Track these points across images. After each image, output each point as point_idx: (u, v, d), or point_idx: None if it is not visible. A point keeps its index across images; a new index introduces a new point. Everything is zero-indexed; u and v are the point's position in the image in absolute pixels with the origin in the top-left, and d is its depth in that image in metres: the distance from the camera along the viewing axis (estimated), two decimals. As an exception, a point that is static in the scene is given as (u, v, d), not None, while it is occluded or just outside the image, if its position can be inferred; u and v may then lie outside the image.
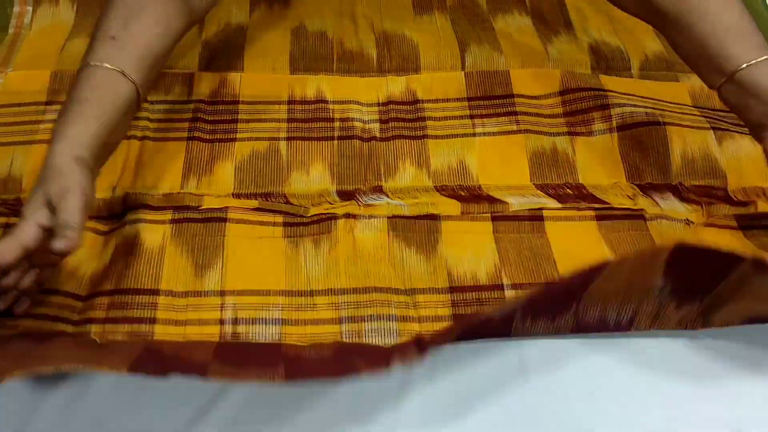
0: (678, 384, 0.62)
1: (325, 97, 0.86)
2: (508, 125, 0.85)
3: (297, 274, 0.71)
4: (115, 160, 0.75)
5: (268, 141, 0.82)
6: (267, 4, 0.96)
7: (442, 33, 0.95)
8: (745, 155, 0.83)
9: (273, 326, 0.67)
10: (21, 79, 0.85)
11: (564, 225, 0.77)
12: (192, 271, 0.70)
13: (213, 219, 0.74)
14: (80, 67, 0.63)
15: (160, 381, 0.50)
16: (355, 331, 0.67)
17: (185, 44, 0.87)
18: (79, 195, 0.55)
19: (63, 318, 0.66)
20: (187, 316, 0.67)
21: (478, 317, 0.61)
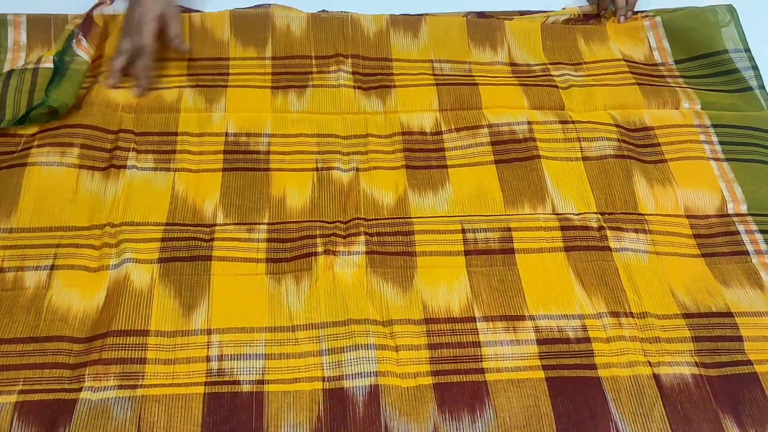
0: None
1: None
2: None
3: (279, 310, 0.75)
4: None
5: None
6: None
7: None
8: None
9: (257, 361, 0.71)
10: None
11: (534, 257, 0.81)
12: (180, 311, 0.74)
13: (199, 257, 0.77)
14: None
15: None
16: (335, 362, 0.71)
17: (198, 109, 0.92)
18: (154, 22, 0.87)
19: (60, 363, 0.69)
20: (175, 355, 0.71)
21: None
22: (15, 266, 0.75)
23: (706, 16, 1.05)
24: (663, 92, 0.98)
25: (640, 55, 1.04)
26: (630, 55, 1.03)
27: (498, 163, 0.89)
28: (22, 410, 0.66)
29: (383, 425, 0.68)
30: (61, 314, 0.72)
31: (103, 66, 0.94)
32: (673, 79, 1.01)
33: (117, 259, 0.77)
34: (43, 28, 0.96)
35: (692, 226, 0.86)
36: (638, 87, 0.98)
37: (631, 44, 1.05)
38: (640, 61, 1.03)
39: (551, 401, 0.70)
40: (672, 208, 0.87)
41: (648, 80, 1.00)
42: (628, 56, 1.03)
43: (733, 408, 0.71)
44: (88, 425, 0.65)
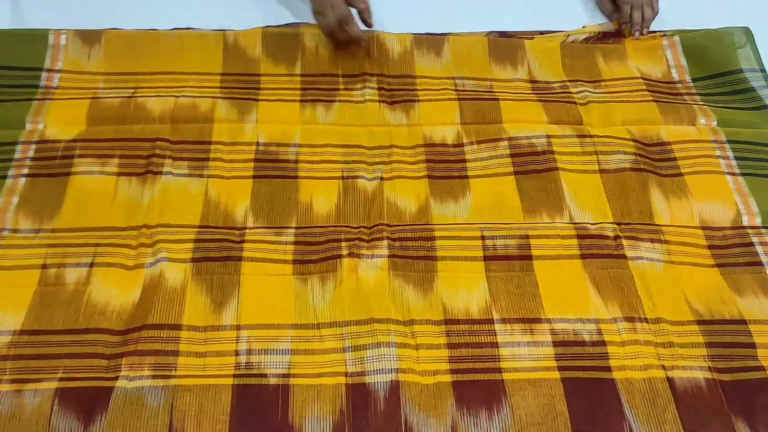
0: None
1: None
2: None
3: (305, 309, 0.78)
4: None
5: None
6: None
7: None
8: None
9: (283, 356, 0.74)
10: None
11: (551, 263, 0.84)
12: (211, 308, 0.78)
13: (229, 258, 0.81)
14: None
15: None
16: (358, 359, 0.74)
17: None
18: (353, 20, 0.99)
19: (98, 353, 0.73)
20: (206, 349, 0.74)
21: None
22: (57, 263, 0.80)
23: (723, 37, 1.09)
24: (679, 109, 1.01)
25: (658, 72, 1.07)
26: (648, 73, 1.07)
27: (517, 174, 0.92)
28: (62, 396, 0.70)
29: (403, 419, 0.70)
30: (100, 308, 0.77)
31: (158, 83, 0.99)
32: (690, 97, 1.03)
33: (152, 258, 0.81)
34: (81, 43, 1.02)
35: (707, 237, 0.88)
36: (655, 104, 1.01)
37: (650, 62, 1.08)
38: (658, 78, 1.06)
39: (566, 401, 0.72)
40: (687, 220, 0.89)
41: (665, 97, 1.03)
42: (646, 74, 1.06)
43: (745, 411, 0.73)
44: (124, 411, 0.69)
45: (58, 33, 1.01)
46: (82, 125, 0.93)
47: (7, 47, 0.99)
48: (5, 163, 0.88)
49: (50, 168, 0.88)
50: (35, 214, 0.84)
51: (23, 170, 0.88)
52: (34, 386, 0.70)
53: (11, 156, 0.89)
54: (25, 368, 0.72)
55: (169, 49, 1.02)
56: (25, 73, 0.98)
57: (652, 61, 1.08)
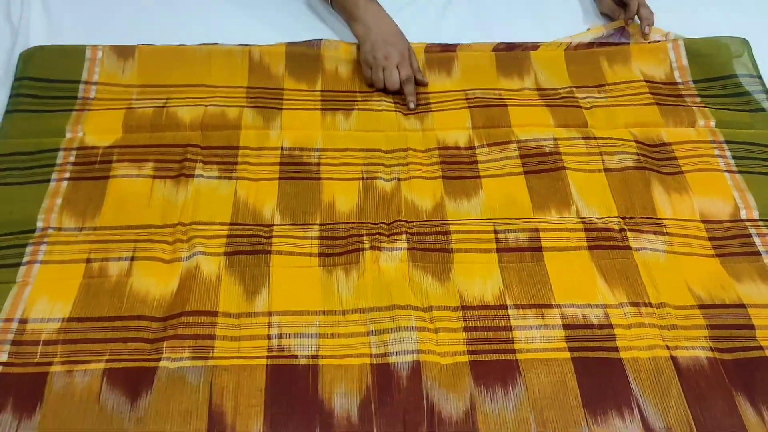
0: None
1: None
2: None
3: (331, 297, 0.84)
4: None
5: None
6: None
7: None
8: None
9: (312, 339, 0.80)
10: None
11: (560, 254, 0.89)
12: (244, 296, 0.83)
13: (260, 251, 0.87)
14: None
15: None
16: (381, 342, 0.80)
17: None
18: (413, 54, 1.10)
19: (141, 337, 0.79)
20: (240, 333, 0.80)
21: None
22: (100, 257, 0.86)
23: (721, 45, 1.15)
24: (680, 111, 1.07)
25: (661, 73, 1.13)
26: (651, 75, 1.13)
27: (526, 174, 0.98)
28: (110, 376, 0.75)
29: (425, 395, 0.76)
30: (141, 297, 0.82)
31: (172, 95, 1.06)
32: (690, 98, 1.10)
33: (188, 252, 0.87)
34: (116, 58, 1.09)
35: (707, 229, 0.93)
36: (657, 107, 1.08)
37: (654, 63, 1.14)
38: (661, 80, 1.12)
39: (577, 378, 0.78)
40: (688, 214, 0.95)
41: (667, 100, 1.09)
42: (649, 76, 1.13)
43: (745, 387, 0.78)
44: (168, 388, 0.74)
45: (94, 48, 1.09)
46: (119, 133, 1.00)
47: (48, 62, 1.07)
48: (48, 168, 0.95)
49: (90, 172, 0.95)
50: (78, 214, 0.90)
51: (65, 174, 0.94)
52: (84, 367, 0.76)
53: (53, 161, 0.96)
54: (75, 351, 0.77)
55: (198, 63, 1.10)
56: (65, 85, 1.05)
57: (656, 62, 1.15)
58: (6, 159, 0.95)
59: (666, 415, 0.75)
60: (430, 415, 0.74)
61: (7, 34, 1.12)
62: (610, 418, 0.75)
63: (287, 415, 0.74)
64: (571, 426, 0.74)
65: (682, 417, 0.75)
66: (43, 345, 0.78)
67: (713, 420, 0.75)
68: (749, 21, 1.25)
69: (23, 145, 0.97)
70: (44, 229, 0.88)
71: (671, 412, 0.75)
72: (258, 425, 0.73)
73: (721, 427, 0.75)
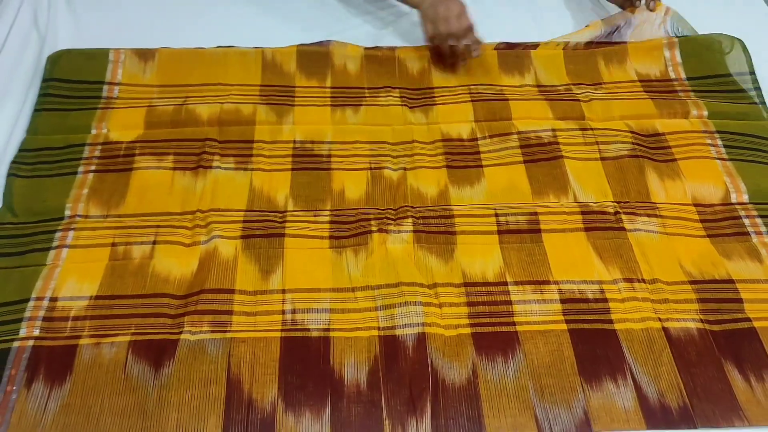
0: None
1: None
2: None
3: (341, 275, 0.89)
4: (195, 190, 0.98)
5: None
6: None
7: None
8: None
9: (323, 314, 0.85)
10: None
11: (558, 236, 0.94)
12: (259, 275, 0.89)
13: (274, 235, 0.93)
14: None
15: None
16: (389, 316, 0.85)
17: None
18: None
19: (164, 313, 0.85)
20: (256, 309, 0.85)
21: None
22: (124, 242, 0.92)
23: (712, 43, 1.20)
24: (674, 104, 1.12)
25: (656, 71, 1.18)
26: (646, 73, 1.18)
27: (526, 163, 1.03)
28: (135, 347, 0.81)
29: (429, 364, 0.80)
30: (163, 277, 0.88)
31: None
32: (684, 93, 1.14)
33: (207, 236, 0.92)
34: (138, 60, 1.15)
35: (699, 212, 0.98)
36: (652, 101, 1.12)
37: (649, 61, 1.19)
38: (656, 77, 1.17)
39: (573, 347, 0.82)
40: (681, 198, 0.99)
41: (661, 95, 1.14)
42: (644, 75, 1.18)
43: (734, 355, 0.82)
44: (188, 358, 0.80)
45: (117, 51, 1.15)
46: (141, 129, 1.06)
47: (74, 64, 1.13)
48: (75, 161, 1.01)
49: (114, 165, 1.01)
50: (103, 203, 0.96)
51: (91, 167, 1.00)
52: (110, 340, 0.82)
53: (80, 155, 1.02)
54: (102, 326, 0.83)
55: (214, 64, 1.16)
56: (89, 86, 1.11)
57: (651, 59, 1.20)
58: (36, 153, 1.02)
59: (657, 380, 0.80)
60: (434, 382, 0.79)
61: (35, 39, 1.18)
62: (605, 383, 0.80)
63: (300, 383, 0.79)
64: (567, 392, 0.79)
65: (673, 382, 0.79)
66: (72, 321, 0.83)
67: (702, 385, 0.79)
68: (744, 16, 1.30)
69: (52, 141, 1.03)
70: (72, 217, 0.94)
71: (662, 378, 0.80)
72: (273, 392, 0.78)
73: (710, 392, 0.79)
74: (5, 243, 0.91)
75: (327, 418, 0.77)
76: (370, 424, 0.76)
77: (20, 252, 0.90)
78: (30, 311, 0.84)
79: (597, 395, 0.79)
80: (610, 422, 0.77)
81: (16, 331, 0.82)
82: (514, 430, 0.76)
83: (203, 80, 1.13)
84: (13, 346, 0.81)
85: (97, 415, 0.76)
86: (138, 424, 0.75)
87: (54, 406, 0.76)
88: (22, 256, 0.90)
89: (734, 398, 0.79)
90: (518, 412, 0.78)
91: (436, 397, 0.78)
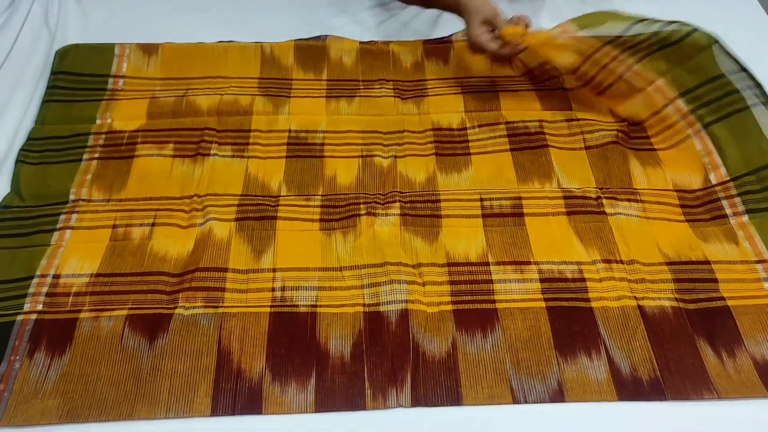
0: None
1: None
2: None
3: (329, 255, 0.93)
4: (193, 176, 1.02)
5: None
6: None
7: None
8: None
9: (311, 291, 0.89)
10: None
11: (540, 219, 0.98)
12: (251, 255, 0.93)
13: (266, 218, 0.97)
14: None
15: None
16: (374, 293, 0.88)
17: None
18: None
19: (159, 290, 0.89)
20: (248, 286, 0.89)
21: None
22: (125, 224, 0.96)
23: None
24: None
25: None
26: None
27: (513, 151, 1.06)
28: (131, 321, 0.85)
29: (411, 338, 0.84)
30: (160, 257, 0.92)
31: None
32: None
33: (203, 219, 0.96)
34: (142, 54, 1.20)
35: (680, 198, 1.01)
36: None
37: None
38: None
39: (550, 324, 0.86)
40: (662, 185, 1.02)
41: None
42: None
43: (706, 332, 0.85)
44: (182, 331, 0.84)
45: (122, 46, 1.20)
46: (143, 119, 1.11)
47: (80, 58, 1.18)
48: (80, 149, 1.06)
49: (117, 152, 1.06)
50: (106, 188, 1.01)
51: (95, 154, 1.05)
52: (108, 314, 0.86)
53: (85, 144, 1.07)
54: (101, 301, 0.87)
55: (215, 58, 1.20)
56: (95, 78, 1.16)
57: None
58: (43, 142, 1.07)
59: (630, 355, 0.83)
60: (415, 355, 0.83)
61: (45, 35, 1.24)
62: (579, 357, 0.83)
63: (287, 354, 0.83)
64: (543, 364, 0.82)
65: (646, 357, 0.82)
66: (74, 296, 0.88)
67: (674, 359, 0.82)
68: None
69: (58, 131, 1.08)
70: (75, 201, 0.99)
71: (635, 354, 0.83)
72: (261, 363, 0.82)
73: (682, 366, 0.82)
74: (12, 225, 0.96)
75: (312, 387, 0.81)
76: (353, 393, 0.80)
77: (26, 233, 0.95)
78: (34, 287, 0.88)
79: (571, 368, 0.82)
80: (583, 393, 0.80)
81: (20, 306, 0.87)
82: (491, 399, 0.80)
83: (204, 73, 1.18)
84: (17, 319, 0.85)
85: (94, 383, 0.80)
86: (133, 391, 0.79)
87: (54, 374, 0.81)
88: (28, 236, 0.95)
89: (705, 372, 0.81)
90: (495, 383, 0.81)
91: (416, 369, 0.82)
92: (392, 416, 0.79)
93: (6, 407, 0.78)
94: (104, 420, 0.78)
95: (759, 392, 0.80)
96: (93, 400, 0.79)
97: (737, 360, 0.83)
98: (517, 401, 0.80)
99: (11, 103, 1.12)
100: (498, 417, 0.79)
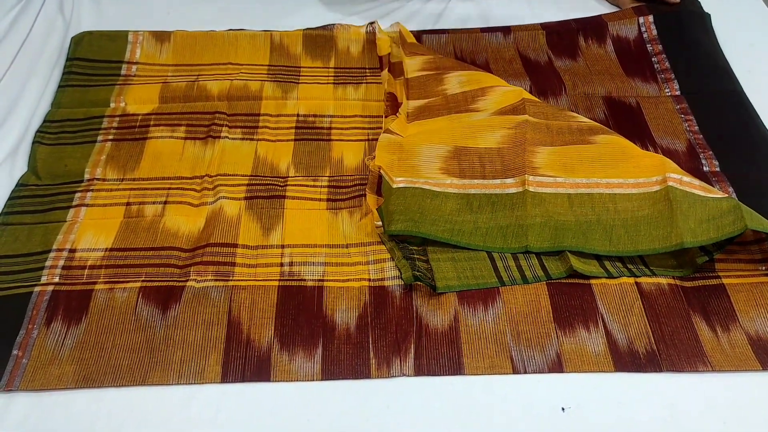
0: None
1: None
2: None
3: (336, 233, 0.96)
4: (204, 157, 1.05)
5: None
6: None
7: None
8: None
9: (319, 267, 0.92)
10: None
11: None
12: (260, 232, 0.96)
13: (275, 197, 1.00)
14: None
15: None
16: (379, 269, 0.91)
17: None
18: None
19: (172, 264, 0.92)
20: (257, 261, 0.92)
21: None
22: (138, 201, 0.99)
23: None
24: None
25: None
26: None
27: None
28: (144, 292, 0.88)
29: (415, 311, 0.87)
30: (173, 233, 0.96)
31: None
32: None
33: (213, 198, 1.00)
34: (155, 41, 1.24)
35: None
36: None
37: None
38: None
39: (550, 299, 0.88)
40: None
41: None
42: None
43: (702, 309, 0.87)
44: (193, 302, 0.87)
45: (136, 33, 1.24)
46: (156, 103, 1.14)
47: (95, 44, 1.22)
48: (95, 131, 1.09)
49: (131, 134, 1.09)
50: (120, 168, 1.04)
51: (109, 136, 1.09)
52: (123, 286, 0.89)
53: (99, 126, 1.10)
54: (116, 274, 0.90)
55: (225, 45, 1.24)
56: (110, 64, 1.20)
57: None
58: (59, 124, 1.10)
59: (627, 328, 0.85)
60: (418, 327, 0.86)
61: (60, 24, 1.28)
62: (577, 330, 0.85)
63: (295, 326, 0.86)
64: (542, 337, 0.85)
65: (642, 330, 0.85)
66: (89, 269, 0.91)
67: (670, 333, 0.85)
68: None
69: (74, 113, 1.12)
70: (90, 180, 1.02)
71: (632, 327, 0.85)
72: (269, 333, 0.85)
73: (678, 339, 0.84)
74: (30, 202, 0.99)
75: (318, 357, 0.83)
76: (358, 362, 0.83)
77: (43, 210, 0.98)
78: (51, 261, 0.92)
79: (570, 340, 0.84)
80: (581, 364, 0.83)
81: (37, 278, 0.90)
82: (491, 369, 0.82)
83: (215, 60, 1.21)
84: (35, 290, 0.88)
85: (109, 350, 0.83)
86: (146, 359, 0.82)
87: (71, 342, 0.84)
88: (44, 213, 0.98)
89: (700, 346, 0.84)
90: (495, 354, 0.83)
91: (419, 340, 0.84)
92: (396, 384, 0.81)
93: (24, 373, 0.81)
94: (118, 385, 0.81)
95: (752, 365, 0.82)
96: (108, 367, 0.82)
97: (731, 335, 0.85)
98: (517, 371, 0.82)
99: (28, 88, 1.16)
100: (497, 385, 0.81)
